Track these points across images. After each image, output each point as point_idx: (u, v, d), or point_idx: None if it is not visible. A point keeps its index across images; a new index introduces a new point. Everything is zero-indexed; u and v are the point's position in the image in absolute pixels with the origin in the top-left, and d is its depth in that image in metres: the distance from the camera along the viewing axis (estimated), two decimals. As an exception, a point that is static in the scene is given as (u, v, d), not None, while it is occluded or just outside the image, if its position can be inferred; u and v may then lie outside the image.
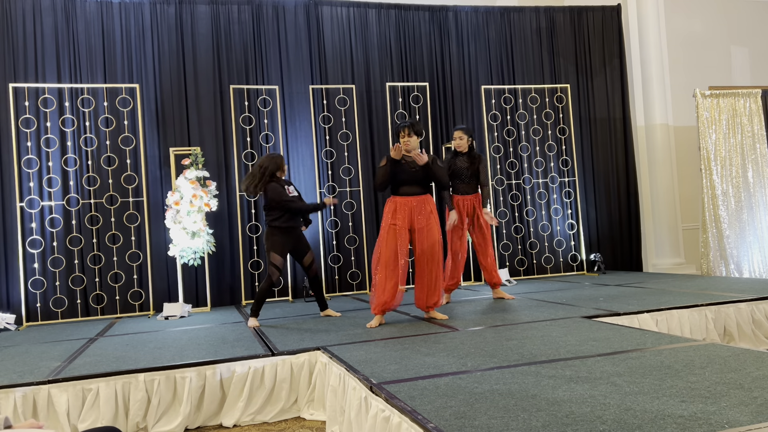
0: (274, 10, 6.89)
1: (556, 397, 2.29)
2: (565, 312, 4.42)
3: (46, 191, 6.09)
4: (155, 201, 6.33)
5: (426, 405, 2.30)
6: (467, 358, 3.07)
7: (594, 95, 7.88)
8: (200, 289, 6.36)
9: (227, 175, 6.59)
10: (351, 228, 6.91)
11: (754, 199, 7.58)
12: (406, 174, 4.37)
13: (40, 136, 6.12)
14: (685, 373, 2.53)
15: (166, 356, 3.68)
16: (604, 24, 7.97)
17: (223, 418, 3.44)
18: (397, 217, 4.33)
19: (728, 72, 8.72)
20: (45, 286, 6.00)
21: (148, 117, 6.45)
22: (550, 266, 7.54)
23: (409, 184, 4.38)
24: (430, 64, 7.41)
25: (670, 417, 1.99)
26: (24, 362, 3.78)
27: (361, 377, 2.81)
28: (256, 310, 4.75)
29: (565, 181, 7.69)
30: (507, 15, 7.72)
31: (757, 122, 7.63)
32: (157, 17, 6.54)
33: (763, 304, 4.53)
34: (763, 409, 2.01)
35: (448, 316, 4.54)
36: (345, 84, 7.02)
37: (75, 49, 6.31)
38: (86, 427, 3.18)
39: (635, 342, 3.22)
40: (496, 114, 7.55)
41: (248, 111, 6.71)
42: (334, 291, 6.82)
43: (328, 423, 3.20)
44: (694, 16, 8.59)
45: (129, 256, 6.23)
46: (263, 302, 4.76)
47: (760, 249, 7.54)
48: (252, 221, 6.64)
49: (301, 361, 3.57)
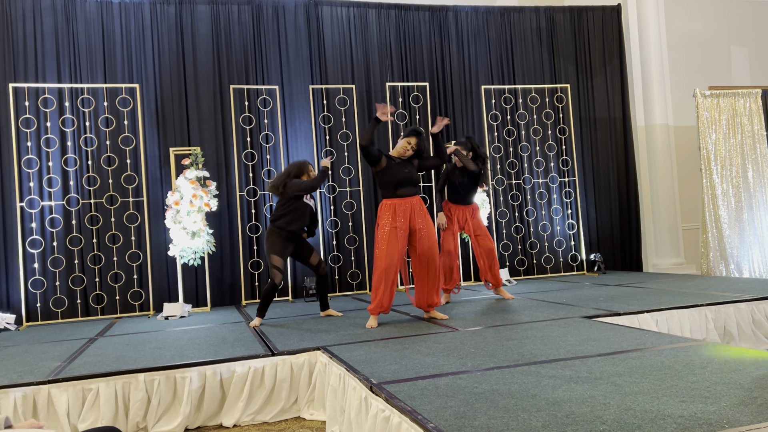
0: (274, 10, 6.89)
1: (556, 397, 2.29)
2: (565, 312, 4.42)
3: (46, 191, 6.09)
4: (155, 201, 6.33)
5: (426, 405, 2.30)
6: (467, 358, 3.07)
7: (594, 95, 7.88)
8: (200, 289, 6.36)
9: (227, 175, 6.59)
10: (351, 228, 6.90)
11: (754, 199, 7.58)
12: (402, 174, 4.35)
13: (40, 136, 6.12)
14: (685, 373, 2.53)
15: (166, 356, 3.68)
16: (604, 24, 7.97)
17: (223, 418, 3.44)
18: (398, 219, 4.29)
19: (728, 72, 8.72)
20: (45, 286, 6.00)
21: (148, 117, 6.45)
22: (550, 266, 7.54)
23: (405, 185, 4.35)
24: (430, 64, 7.41)
25: (670, 417, 1.99)
26: (24, 362, 3.78)
27: (361, 377, 2.81)
28: (262, 311, 4.77)
29: (565, 181, 7.69)
30: (507, 15, 7.72)
31: (757, 122, 7.63)
32: (157, 17, 6.54)
33: (763, 304, 4.53)
34: (763, 409, 2.01)
35: (448, 316, 4.54)
36: (345, 84, 7.02)
37: (75, 49, 6.31)
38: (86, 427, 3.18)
39: (635, 342, 3.22)
40: (496, 114, 7.55)
41: (248, 111, 6.71)
42: (334, 291, 6.82)
43: (328, 423, 3.19)
44: (694, 16, 8.59)
45: (129, 256, 6.23)
46: (269, 303, 4.76)
47: (760, 249, 7.54)
48: (252, 221, 6.64)
49: (301, 361, 3.57)
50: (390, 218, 4.30)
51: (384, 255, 4.25)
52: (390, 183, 4.35)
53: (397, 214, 4.30)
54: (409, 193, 4.36)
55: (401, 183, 4.34)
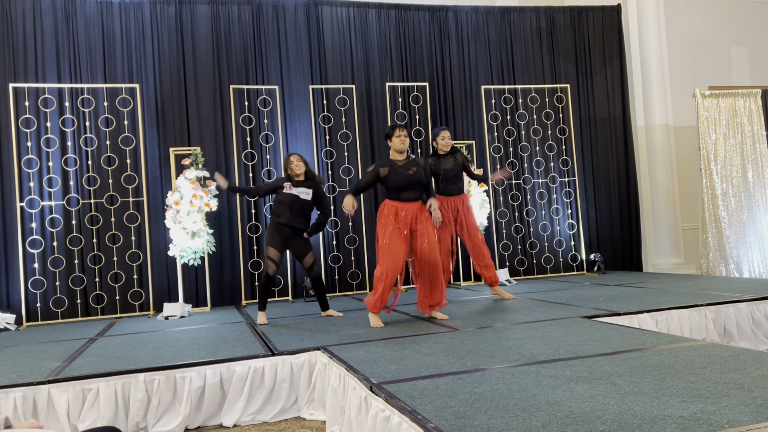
0: (274, 10, 6.89)
1: (556, 397, 2.29)
2: (565, 312, 4.42)
3: (46, 191, 6.09)
4: (155, 201, 6.34)
5: (426, 405, 2.30)
6: (467, 358, 3.07)
7: (594, 95, 7.88)
8: (200, 289, 6.37)
9: (227, 175, 6.59)
10: (351, 228, 6.90)
11: (754, 199, 7.58)
12: (406, 179, 4.36)
13: (40, 136, 6.12)
14: (685, 373, 2.53)
15: (166, 356, 3.68)
16: (604, 24, 7.97)
17: (223, 418, 3.44)
18: (399, 221, 4.32)
19: (728, 72, 8.72)
20: (45, 286, 6.00)
21: (148, 117, 6.45)
22: (550, 266, 7.54)
23: (409, 189, 4.36)
24: (430, 64, 7.41)
25: (670, 417, 1.99)
26: (24, 362, 3.78)
27: (361, 377, 2.81)
28: (262, 303, 4.90)
29: (565, 181, 7.69)
30: (507, 15, 7.72)
31: (757, 122, 7.63)
32: (157, 17, 6.54)
33: (763, 304, 4.53)
34: (763, 409, 2.01)
35: (448, 316, 4.54)
36: (345, 84, 7.02)
37: (75, 49, 6.31)
38: (86, 427, 3.18)
39: (635, 342, 3.22)
40: (496, 114, 7.55)
41: (248, 111, 6.71)
42: (334, 291, 6.82)
43: (328, 423, 3.19)
44: (695, 17, 8.59)
45: (129, 256, 6.23)
46: (266, 296, 4.89)
47: (760, 249, 7.54)
48: (252, 221, 6.64)
49: (301, 361, 3.57)
50: (392, 219, 4.33)
51: (389, 255, 4.26)
52: (394, 187, 4.38)
53: (399, 216, 4.33)
54: (412, 197, 4.38)
55: (405, 187, 4.36)
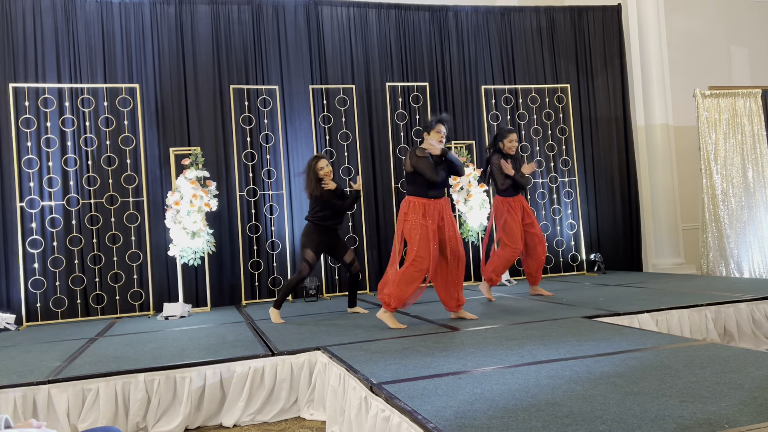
0: (274, 10, 6.89)
1: (556, 397, 2.29)
2: (565, 312, 4.42)
3: (46, 191, 6.09)
4: (155, 201, 6.34)
5: (426, 405, 2.30)
6: (467, 358, 3.07)
7: (594, 95, 7.88)
8: (200, 289, 6.36)
9: (227, 175, 6.59)
10: (351, 228, 6.90)
11: (754, 199, 7.58)
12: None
13: (40, 136, 6.11)
14: (685, 373, 2.52)
15: (166, 356, 3.68)
16: (604, 24, 7.97)
17: (223, 418, 3.44)
18: (427, 219, 4.18)
19: (728, 72, 8.72)
20: (45, 286, 6.00)
21: (148, 117, 6.45)
22: (550, 266, 7.54)
23: (437, 187, 4.25)
24: (430, 64, 7.41)
25: (670, 417, 1.99)
26: (24, 362, 3.78)
27: (361, 377, 2.81)
28: (280, 302, 4.86)
29: (566, 181, 7.69)
30: (507, 15, 7.72)
31: (757, 122, 7.62)
32: (157, 17, 6.54)
33: (763, 304, 4.53)
34: (763, 409, 2.01)
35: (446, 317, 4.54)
36: (345, 84, 7.02)
37: (75, 49, 6.31)
38: (86, 427, 3.18)
39: (635, 342, 3.22)
40: (496, 114, 7.55)
41: (248, 111, 6.71)
42: (335, 291, 6.82)
43: (328, 423, 3.19)
44: (694, 16, 8.59)
45: (129, 256, 6.23)
46: (288, 294, 4.87)
47: (760, 249, 7.53)
48: (252, 221, 6.64)
49: (301, 361, 3.57)
50: (421, 216, 4.18)
51: (424, 254, 4.11)
52: (424, 183, 4.21)
53: (426, 214, 4.19)
54: (439, 195, 4.26)
55: (433, 185, 4.22)
